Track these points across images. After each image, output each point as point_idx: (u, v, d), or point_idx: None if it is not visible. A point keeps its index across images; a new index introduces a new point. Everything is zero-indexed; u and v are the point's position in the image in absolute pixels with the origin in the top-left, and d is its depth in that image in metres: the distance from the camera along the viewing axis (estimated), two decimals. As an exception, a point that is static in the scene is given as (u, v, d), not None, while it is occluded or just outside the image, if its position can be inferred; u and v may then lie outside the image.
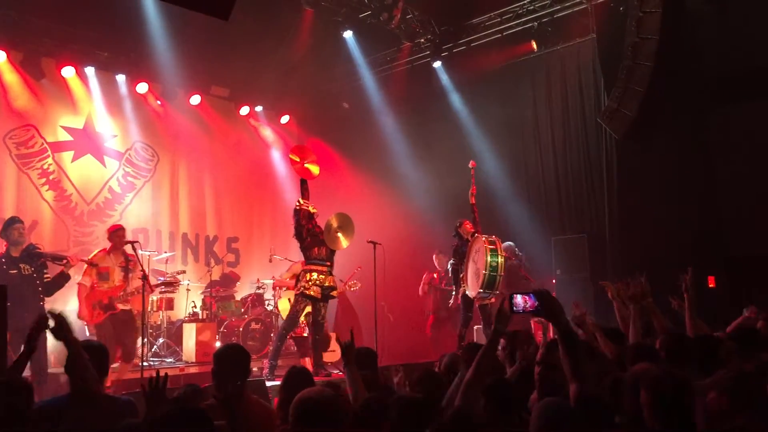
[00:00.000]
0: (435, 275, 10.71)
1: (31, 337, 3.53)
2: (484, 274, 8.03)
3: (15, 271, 6.92)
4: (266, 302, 10.75)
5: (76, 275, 7.65)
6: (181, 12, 7.28)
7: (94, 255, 7.71)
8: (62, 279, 7.36)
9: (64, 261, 7.31)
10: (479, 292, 8.18)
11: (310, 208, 7.88)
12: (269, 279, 10.84)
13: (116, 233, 7.78)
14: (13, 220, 7.28)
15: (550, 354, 3.39)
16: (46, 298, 7.15)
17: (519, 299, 3.16)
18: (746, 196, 8.41)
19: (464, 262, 8.62)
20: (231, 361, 3.63)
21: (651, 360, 3.43)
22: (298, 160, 8.09)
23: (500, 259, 8.13)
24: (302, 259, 8.11)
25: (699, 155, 8.99)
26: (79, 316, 7.43)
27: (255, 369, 8.20)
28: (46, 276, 7.21)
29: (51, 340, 6.97)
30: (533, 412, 2.81)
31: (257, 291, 10.81)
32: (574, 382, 2.96)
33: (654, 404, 2.69)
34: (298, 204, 7.92)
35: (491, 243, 8.20)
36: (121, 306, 7.53)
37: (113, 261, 7.66)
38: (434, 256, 10.64)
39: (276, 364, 7.63)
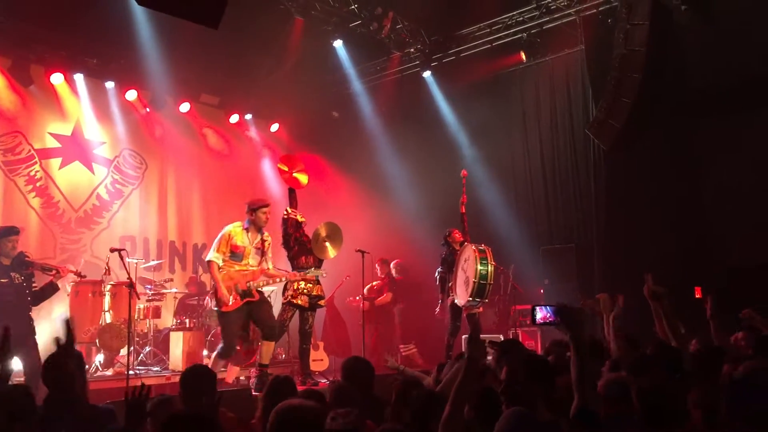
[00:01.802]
0: (375, 284, 10.75)
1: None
2: (474, 282, 8.04)
3: (6, 280, 6.82)
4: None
5: (67, 285, 7.54)
6: (171, 20, 7.23)
7: (229, 229, 7.18)
8: (51, 289, 7.24)
9: (53, 272, 7.22)
10: (468, 301, 8.18)
11: (298, 217, 7.87)
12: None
13: (260, 210, 7.23)
14: (11, 231, 7.12)
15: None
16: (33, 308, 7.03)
17: (541, 312, 3.26)
18: (733, 207, 8.47)
19: (452, 271, 8.62)
20: (197, 383, 3.61)
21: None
22: (286, 169, 8.08)
23: (490, 268, 8.15)
24: (290, 269, 8.04)
25: (686, 166, 9.06)
26: (218, 297, 7.02)
27: (242, 378, 8.19)
28: (33, 285, 7.13)
29: (44, 344, 7.02)
30: (500, 418, 2.85)
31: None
32: (576, 395, 3.04)
33: None
34: (286, 213, 7.91)
35: (481, 251, 8.22)
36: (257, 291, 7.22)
37: (249, 240, 7.26)
38: (377, 264, 10.70)
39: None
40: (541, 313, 3.30)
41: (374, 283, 10.73)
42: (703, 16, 8.62)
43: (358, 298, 10.25)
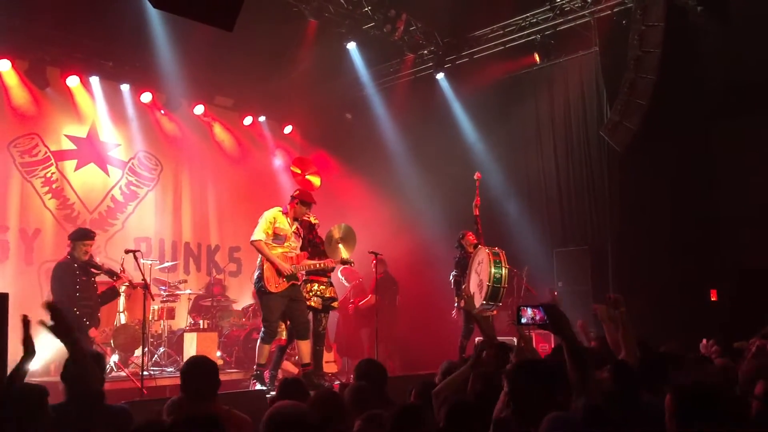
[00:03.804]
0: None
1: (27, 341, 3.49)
2: (488, 285, 8.02)
3: (86, 278, 7.27)
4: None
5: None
6: (186, 23, 7.29)
7: (273, 213, 7.32)
8: (113, 294, 7.63)
9: (115, 278, 7.49)
10: (482, 304, 8.16)
11: (312, 219, 7.88)
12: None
13: (306, 205, 7.42)
14: (89, 236, 7.45)
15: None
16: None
17: (527, 312, 3.18)
18: (748, 209, 8.42)
19: (466, 274, 8.61)
20: (201, 375, 3.63)
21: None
22: (299, 171, 8.11)
23: (504, 271, 8.13)
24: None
25: (701, 168, 9.00)
26: (277, 269, 7.11)
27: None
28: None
29: (52, 348, 7.11)
30: (541, 425, 2.76)
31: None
32: (582, 395, 2.95)
33: None
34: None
35: (495, 254, 8.20)
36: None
37: (289, 224, 7.38)
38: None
39: (276, 374, 7.61)
40: (525, 315, 3.22)
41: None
42: (719, 17, 8.56)
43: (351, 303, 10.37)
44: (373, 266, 8.83)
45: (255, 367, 7.22)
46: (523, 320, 3.19)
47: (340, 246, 7.87)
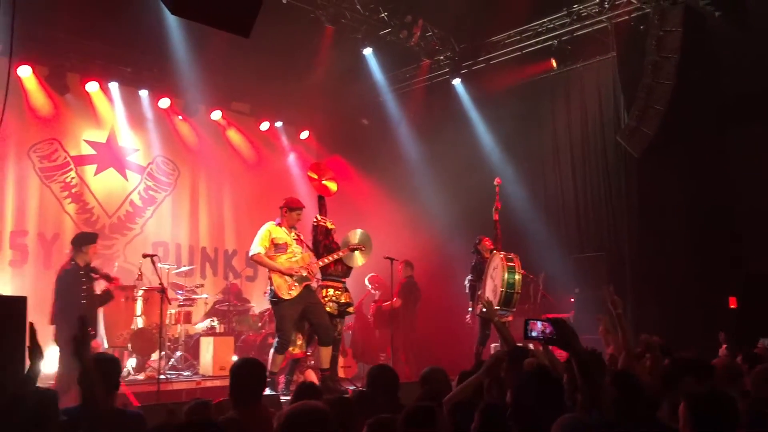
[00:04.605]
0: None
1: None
2: (502, 291, 8.00)
3: (89, 284, 7.36)
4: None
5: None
6: (203, 29, 7.36)
7: (268, 227, 7.37)
8: (109, 297, 7.69)
9: (112, 283, 7.60)
10: (496, 310, 8.13)
11: (328, 224, 7.89)
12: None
13: (295, 211, 7.49)
14: (94, 239, 7.58)
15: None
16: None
17: (537, 325, 3.17)
18: (766, 215, 8.33)
19: (482, 279, 8.58)
20: (248, 375, 3.66)
21: None
22: (316, 177, 8.10)
23: (518, 277, 8.10)
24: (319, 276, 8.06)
25: (718, 174, 8.92)
26: (286, 272, 7.15)
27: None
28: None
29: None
30: (554, 427, 2.73)
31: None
32: (594, 407, 2.95)
33: None
34: (315, 220, 7.93)
35: (509, 260, 8.17)
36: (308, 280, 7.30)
37: (287, 233, 7.44)
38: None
39: (291, 379, 7.62)
40: (535, 329, 3.20)
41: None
42: (737, 22, 8.50)
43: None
44: (400, 270, 8.79)
45: (267, 374, 7.23)
46: (533, 334, 3.19)
47: (357, 252, 7.88)
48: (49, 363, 7.50)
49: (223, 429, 2.68)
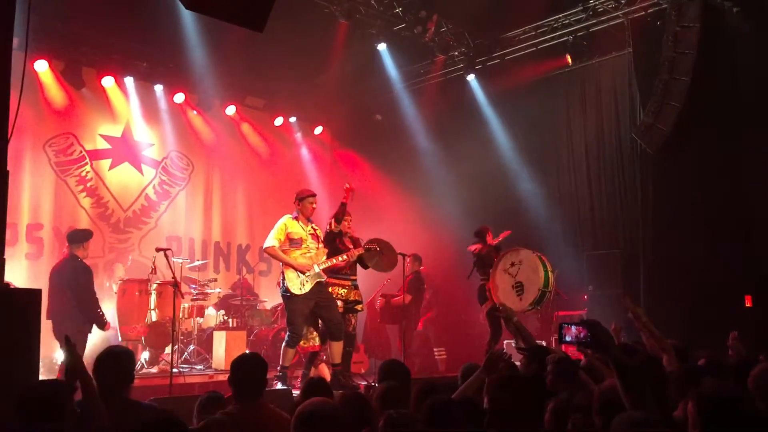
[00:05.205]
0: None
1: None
2: (540, 290, 8.04)
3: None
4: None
5: (113, 284, 7.91)
6: (218, 24, 7.39)
7: (284, 221, 7.28)
8: None
9: None
10: (527, 309, 8.17)
11: (339, 230, 7.79)
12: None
13: (307, 200, 7.37)
14: (91, 235, 7.80)
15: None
16: None
17: (571, 330, 3.08)
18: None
19: (487, 273, 8.54)
20: (248, 370, 3.67)
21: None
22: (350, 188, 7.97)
23: (551, 275, 8.14)
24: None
25: (735, 172, 8.82)
26: (298, 268, 7.11)
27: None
28: None
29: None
30: (613, 425, 2.61)
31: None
32: (644, 406, 2.82)
33: None
34: (329, 225, 7.88)
35: (540, 259, 8.19)
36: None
37: (303, 228, 7.32)
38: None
39: (308, 374, 7.62)
40: (569, 333, 3.09)
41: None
42: (756, 18, 8.40)
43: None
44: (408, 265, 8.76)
45: (279, 368, 7.25)
46: (567, 338, 3.07)
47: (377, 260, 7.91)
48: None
49: (221, 423, 2.67)
